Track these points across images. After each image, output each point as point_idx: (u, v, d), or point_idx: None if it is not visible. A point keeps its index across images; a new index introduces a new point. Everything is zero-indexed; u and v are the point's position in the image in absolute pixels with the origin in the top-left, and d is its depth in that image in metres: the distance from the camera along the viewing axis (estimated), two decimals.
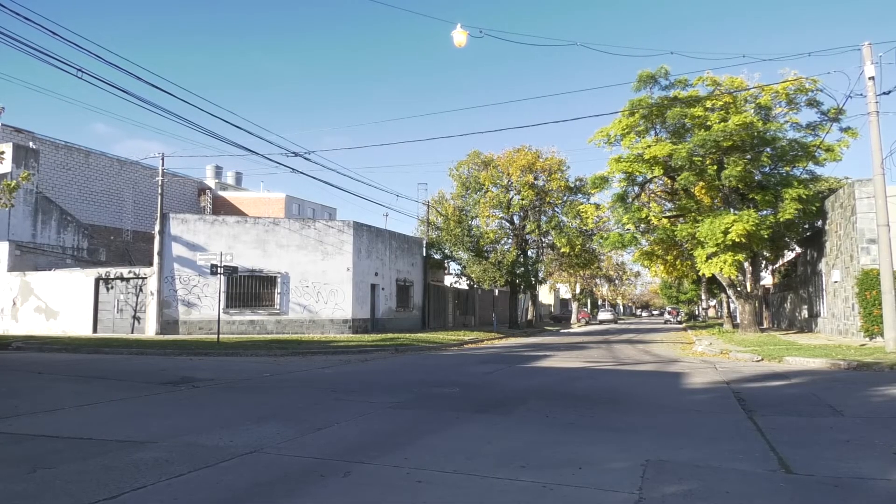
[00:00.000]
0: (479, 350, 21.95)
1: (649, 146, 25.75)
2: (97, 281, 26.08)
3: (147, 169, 41.35)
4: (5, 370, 13.36)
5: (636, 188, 29.03)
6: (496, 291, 44.44)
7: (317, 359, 16.66)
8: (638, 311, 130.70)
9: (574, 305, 68.50)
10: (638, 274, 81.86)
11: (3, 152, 28.69)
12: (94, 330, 25.54)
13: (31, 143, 35.00)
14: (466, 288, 42.63)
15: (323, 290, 26.63)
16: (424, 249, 35.92)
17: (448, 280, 43.94)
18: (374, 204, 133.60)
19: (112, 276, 26.14)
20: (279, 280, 26.12)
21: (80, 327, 25.57)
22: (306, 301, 26.43)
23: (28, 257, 28.00)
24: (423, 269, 35.21)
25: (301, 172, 28.37)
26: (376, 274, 29.42)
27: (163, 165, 26.21)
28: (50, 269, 27.47)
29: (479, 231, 37.33)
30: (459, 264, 39.45)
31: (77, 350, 18.35)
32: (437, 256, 38.32)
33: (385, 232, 31.69)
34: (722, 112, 25.09)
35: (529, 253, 40.46)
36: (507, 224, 38.93)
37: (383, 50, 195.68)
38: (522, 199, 36.47)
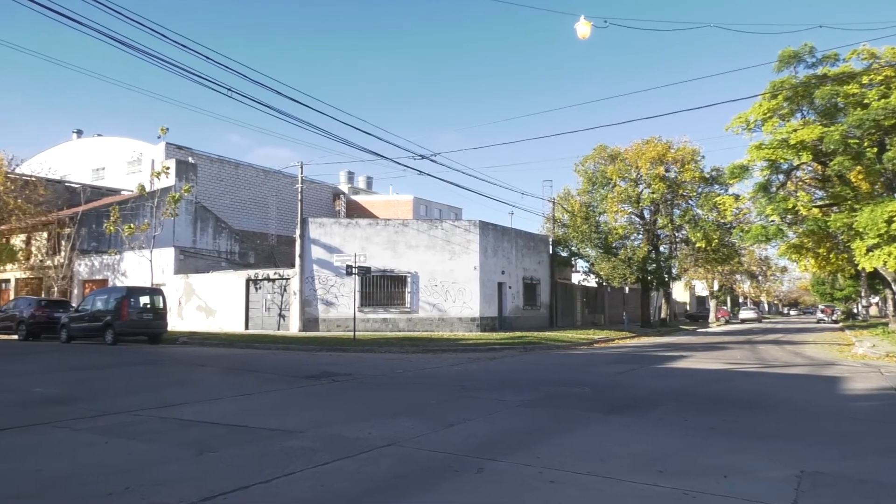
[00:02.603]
0: (609, 349, 21.35)
1: (795, 130, 23.67)
2: (247, 282, 28.39)
3: (287, 177, 44.37)
4: (175, 363, 14.95)
5: (781, 176, 26.80)
6: (626, 289, 42.98)
7: (446, 356, 17.02)
8: (785, 310, 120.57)
9: (712, 303, 64.59)
10: (784, 269, 75.74)
11: (168, 168, 32.23)
12: (246, 327, 27.83)
13: (189, 159, 38.88)
14: (595, 286, 41.59)
15: (451, 288, 27.15)
16: (551, 247, 35.50)
17: (576, 278, 43.14)
18: (499, 203, 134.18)
19: (260, 278, 28.34)
20: (409, 279, 26.98)
21: (234, 324, 27.98)
22: (435, 300, 27.09)
23: (190, 261, 31.08)
24: (550, 266, 34.82)
25: (427, 174, 29.20)
26: (503, 272, 29.52)
27: (301, 173, 27.98)
28: (208, 272, 30.30)
29: (608, 227, 36.27)
30: (587, 261, 38.59)
31: (232, 345, 20.13)
32: (564, 254, 37.72)
33: (511, 230, 31.71)
34: (882, 87, 22.50)
35: (662, 248, 38.75)
36: (637, 219, 37.51)
37: (502, 47, 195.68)
38: (653, 193, 34.94)
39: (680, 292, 65.67)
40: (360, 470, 5.05)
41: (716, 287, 63.57)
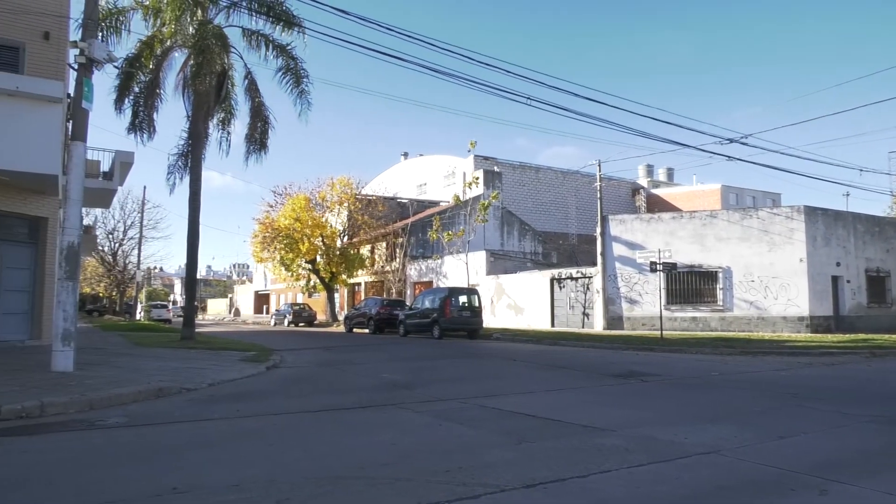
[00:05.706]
0: None
1: None
2: (551, 281, 29.45)
3: (585, 176, 44.84)
4: (491, 356, 16.30)
5: None
6: None
7: (769, 359, 15.30)
8: None
9: None
10: None
11: (477, 178, 35.33)
12: (552, 324, 28.88)
13: (494, 168, 42.02)
14: None
15: (771, 284, 24.29)
16: None
17: None
18: (829, 183, 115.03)
19: (563, 277, 29.15)
20: (720, 275, 24.92)
21: (540, 321, 29.26)
22: (752, 297, 24.52)
23: (498, 262, 33.51)
24: None
25: (738, 159, 26.69)
26: (837, 264, 25.34)
27: (600, 171, 27.98)
28: (515, 272, 32.28)
29: None
30: None
31: (539, 341, 21.10)
32: None
33: (846, 214, 27.07)
34: None
35: None
36: None
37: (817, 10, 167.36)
38: None
39: None
40: (678, 476, 4.86)
41: None
